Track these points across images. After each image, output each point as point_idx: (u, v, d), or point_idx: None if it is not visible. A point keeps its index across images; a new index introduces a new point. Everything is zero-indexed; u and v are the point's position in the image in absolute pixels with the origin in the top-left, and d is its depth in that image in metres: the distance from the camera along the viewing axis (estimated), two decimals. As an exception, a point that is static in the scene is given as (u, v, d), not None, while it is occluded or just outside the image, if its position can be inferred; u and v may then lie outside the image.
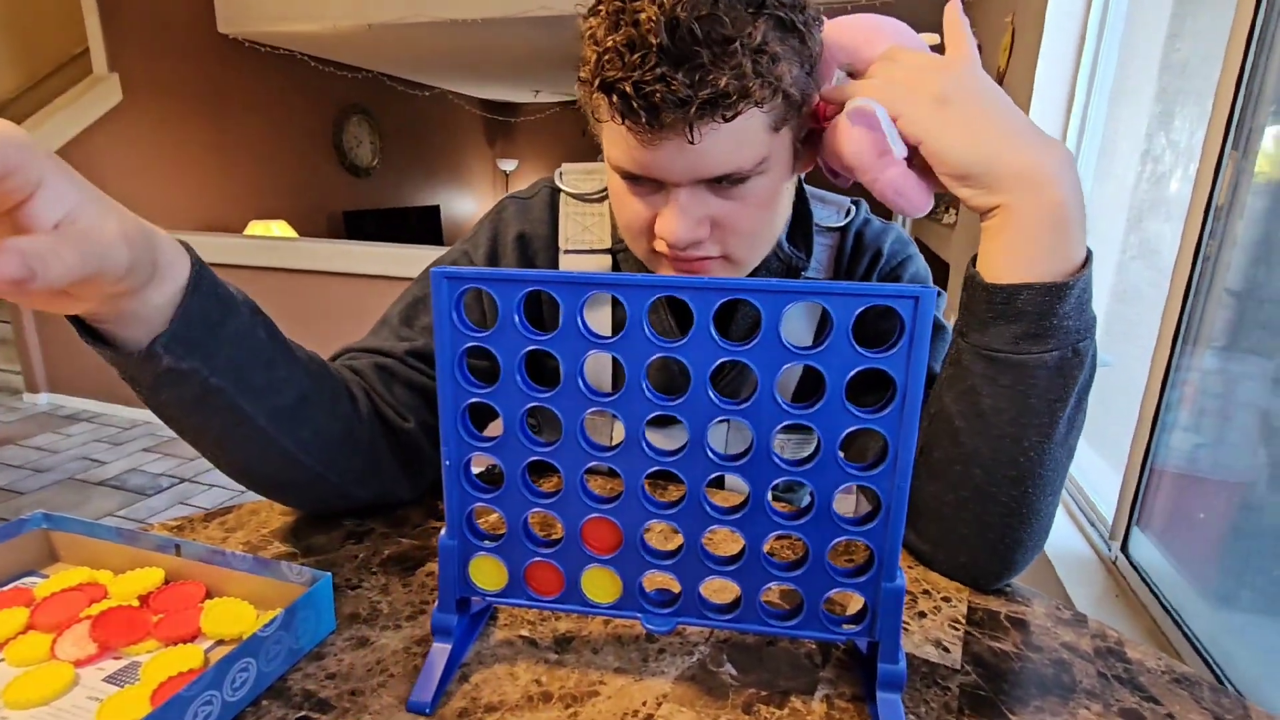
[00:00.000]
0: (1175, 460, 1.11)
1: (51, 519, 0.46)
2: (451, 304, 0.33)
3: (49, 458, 2.79)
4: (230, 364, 0.41)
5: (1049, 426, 0.44)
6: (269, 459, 0.46)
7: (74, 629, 0.38)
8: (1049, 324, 0.42)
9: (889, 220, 0.66)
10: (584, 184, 0.63)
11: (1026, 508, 0.46)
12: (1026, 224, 0.42)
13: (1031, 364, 0.43)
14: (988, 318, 0.44)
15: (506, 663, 0.39)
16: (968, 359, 0.45)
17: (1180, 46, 1.48)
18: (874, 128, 0.44)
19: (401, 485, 0.55)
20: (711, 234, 0.50)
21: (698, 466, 0.34)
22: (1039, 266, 0.42)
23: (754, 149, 0.46)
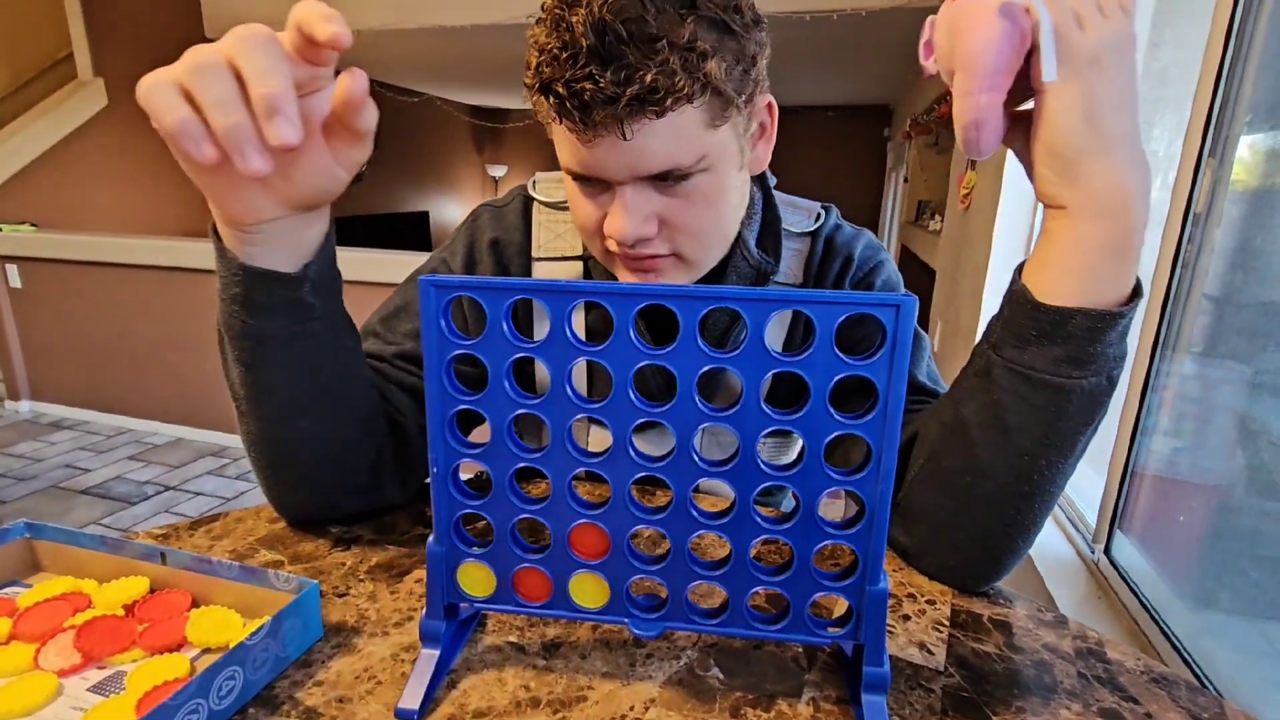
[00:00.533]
0: (1155, 464, 1.13)
1: (34, 528, 0.46)
2: (439, 312, 0.33)
3: (31, 466, 2.75)
4: (331, 313, 0.46)
5: (1071, 448, 0.43)
6: (320, 422, 0.48)
7: (58, 639, 0.38)
8: (1093, 350, 0.40)
9: (859, 227, 0.67)
10: (557, 192, 0.64)
11: (1029, 519, 0.46)
12: (1093, 246, 0.39)
13: (1068, 388, 0.41)
14: (1030, 335, 0.41)
15: (495, 669, 0.39)
16: (999, 374, 0.43)
17: (1160, 55, 1.51)
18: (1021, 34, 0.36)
19: (394, 487, 0.56)
20: (660, 232, 0.51)
21: (684, 472, 0.35)
22: (1096, 293, 0.40)
23: (691, 145, 0.47)
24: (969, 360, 0.47)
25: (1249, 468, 0.95)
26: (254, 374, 0.46)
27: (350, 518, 0.55)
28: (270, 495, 0.53)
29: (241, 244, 0.41)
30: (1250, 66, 0.96)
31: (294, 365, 0.46)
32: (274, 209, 0.40)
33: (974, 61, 0.36)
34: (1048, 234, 0.41)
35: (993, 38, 0.35)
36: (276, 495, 0.53)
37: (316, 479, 0.51)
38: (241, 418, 0.49)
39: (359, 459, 0.52)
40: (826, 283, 0.63)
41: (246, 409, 0.48)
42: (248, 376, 0.46)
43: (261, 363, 0.45)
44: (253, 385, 0.46)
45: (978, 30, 0.36)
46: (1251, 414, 0.97)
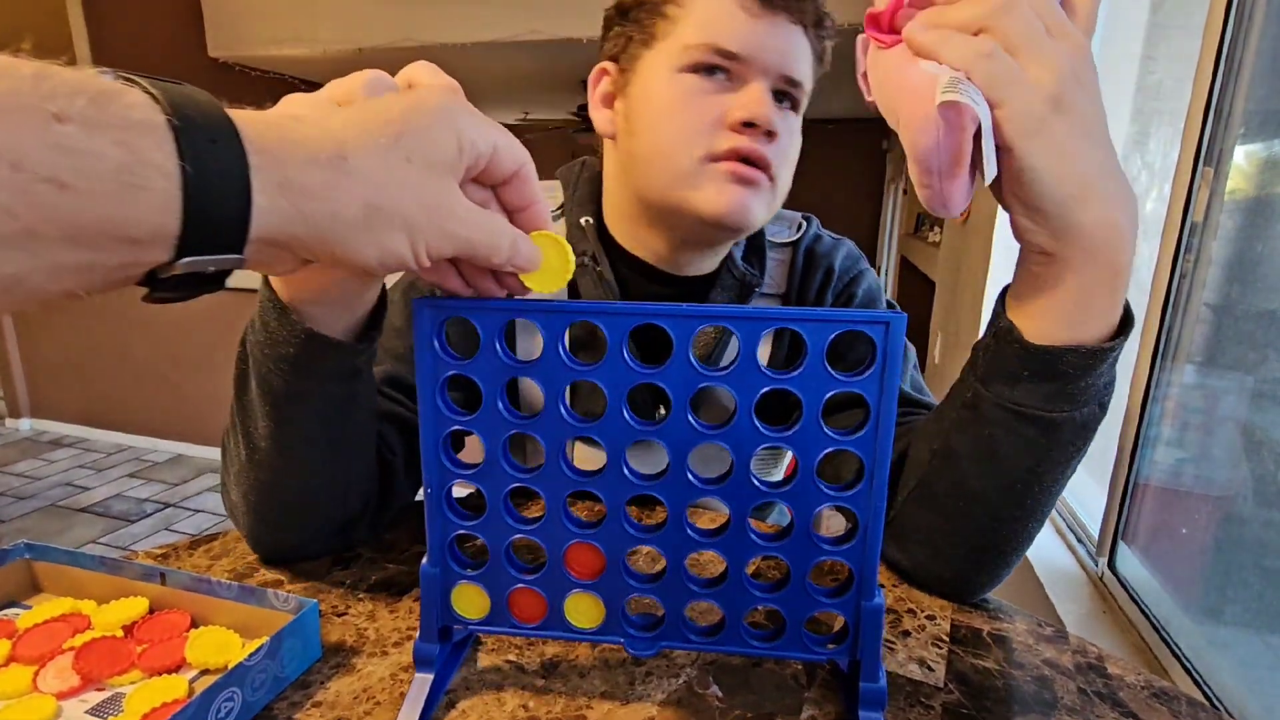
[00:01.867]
0: (1159, 475, 1.13)
1: (34, 549, 0.46)
2: (433, 332, 0.33)
3: (31, 484, 2.75)
4: (370, 372, 0.46)
5: (1063, 471, 0.44)
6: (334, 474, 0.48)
7: (57, 660, 0.38)
8: (1084, 383, 0.39)
9: (839, 236, 0.68)
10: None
11: (1022, 535, 0.46)
12: (1083, 285, 0.37)
13: (1060, 421, 0.41)
14: (1021, 375, 0.40)
15: (493, 689, 0.39)
16: (988, 409, 0.43)
17: (1155, 69, 1.52)
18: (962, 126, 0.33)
19: (368, 527, 0.54)
20: (774, 144, 0.53)
21: (679, 490, 0.35)
22: (1086, 330, 0.38)
23: (810, 77, 0.55)
24: (956, 386, 0.46)
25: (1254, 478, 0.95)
26: (283, 429, 0.44)
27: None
28: (252, 533, 0.50)
29: (304, 302, 0.40)
30: (1244, 78, 0.97)
31: (327, 423, 0.45)
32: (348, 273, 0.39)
33: (921, 159, 0.33)
34: (1034, 277, 0.38)
35: (936, 139, 0.33)
36: (260, 534, 0.50)
37: (308, 523, 0.50)
38: (250, 466, 0.46)
39: (353, 503, 0.51)
40: (809, 293, 0.64)
41: (264, 460, 0.45)
42: (276, 432, 0.44)
43: (295, 420, 0.43)
44: (278, 440, 0.44)
45: (918, 127, 0.33)
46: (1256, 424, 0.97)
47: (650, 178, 0.55)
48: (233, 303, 3.09)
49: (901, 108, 0.34)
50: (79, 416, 3.32)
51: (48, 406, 3.37)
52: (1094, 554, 1.19)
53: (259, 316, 0.41)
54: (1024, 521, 0.45)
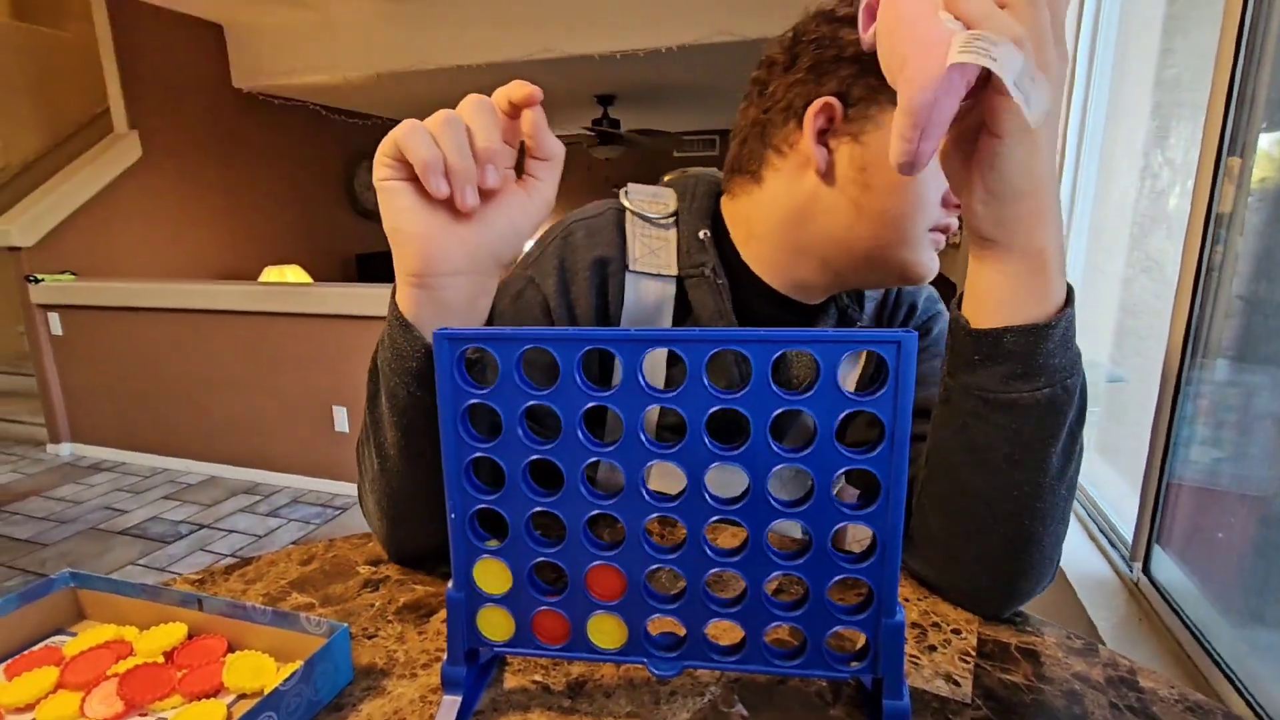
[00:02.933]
0: (1194, 475, 1.10)
1: (79, 577, 0.48)
2: (453, 364, 0.34)
3: (72, 509, 2.83)
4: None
5: (1043, 462, 0.44)
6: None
7: (102, 687, 0.40)
8: (1036, 363, 0.42)
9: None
10: (650, 207, 0.64)
11: (1026, 539, 0.46)
12: (1016, 272, 0.42)
13: (1023, 402, 0.43)
14: (975, 360, 0.44)
15: (520, 710, 0.40)
16: (958, 398, 0.46)
17: (1173, 62, 1.50)
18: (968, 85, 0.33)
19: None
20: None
21: (697, 511, 0.35)
22: (1022, 310, 0.42)
23: None
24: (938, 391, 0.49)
25: (1292, 477, 0.92)
26: (411, 438, 0.47)
27: (380, 559, 0.56)
28: (392, 540, 0.55)
29: (424, 306, 0.44)
30: (1265, 68, 0.96)
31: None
32: (464, 259, 0.44)
33: (917, 112, 0.33)
34: (976, 266, 0.44)
35: (937, 97, 0.32)
36: (400, 540, 0.55)
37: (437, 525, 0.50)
38: (384, 475, 0.50)
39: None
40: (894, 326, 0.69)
41: (394, 467, 0.49)
42: (404, 440, 0.47)
43: (424, 430, 0.47)
44: (408, 449, 0.48)
45: (927, 78, 0.32)
46: (1291, 421, 0.94)
47: (878, 233, 0.56)
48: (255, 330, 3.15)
49: (912, 57, 0.33)
50: (116, 441, 3.41)
51: (86, 432, 3.47)
52: (1128, 558, 1.16)
53: (387, 334, 0.46)
54: (1020, 522, 0.46)
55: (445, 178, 0.40)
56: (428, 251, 0.43)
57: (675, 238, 0.63)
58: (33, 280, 3.26)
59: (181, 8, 3.80)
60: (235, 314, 3.01)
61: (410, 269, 0.43)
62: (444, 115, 0.40)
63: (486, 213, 0.43)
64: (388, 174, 0.41)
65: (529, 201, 0.45)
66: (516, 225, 0.45)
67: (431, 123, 0.40)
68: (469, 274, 0.44)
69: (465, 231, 0.43)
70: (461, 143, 0.40)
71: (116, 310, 3.21)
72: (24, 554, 2.41)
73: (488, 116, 0.41)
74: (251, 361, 3.05)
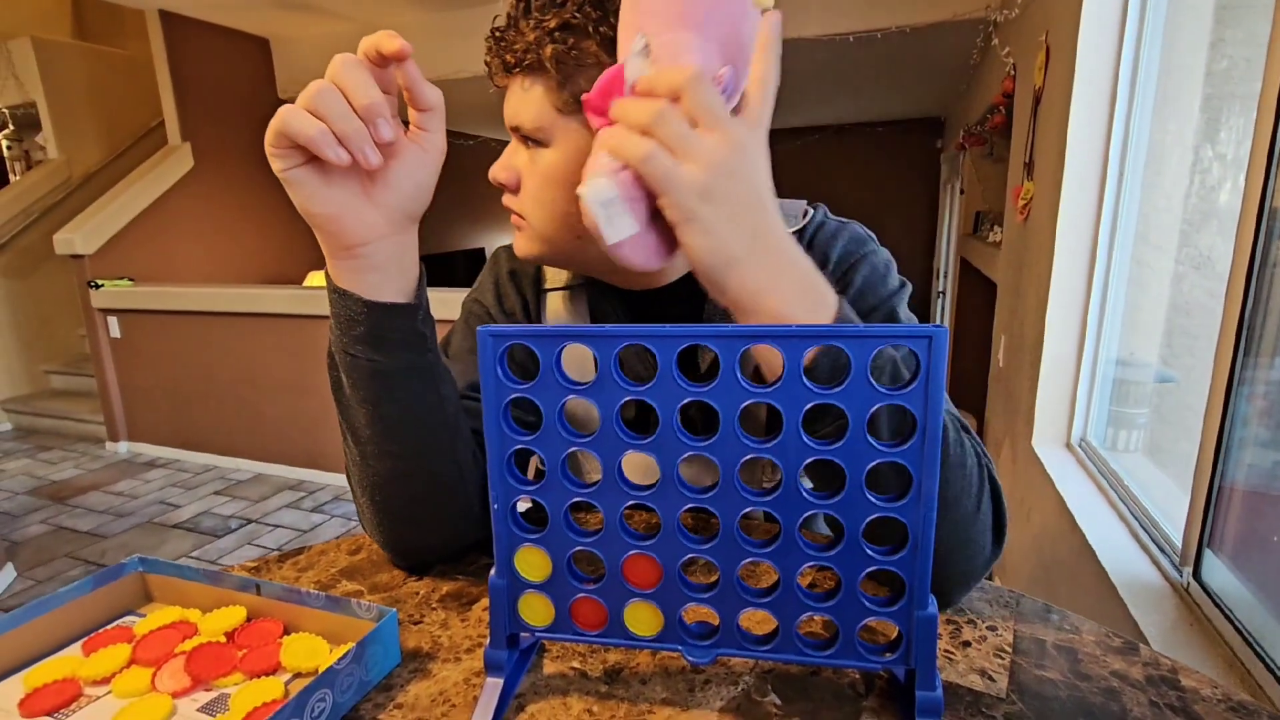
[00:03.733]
0: (1249, 477, 1.06)
1: (146, 562, 0.51)
2: (496, 360, 0.36)
3: (129, 502, 2.96)
4: (435, 344, 0.50)
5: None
6: (443, 454, 0.51)
7: (171, 663, 0.42)
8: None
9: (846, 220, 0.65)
10: None
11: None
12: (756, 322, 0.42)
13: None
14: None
15: (559, 694, 0.41)
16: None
17: (1225, 54, 1.45)
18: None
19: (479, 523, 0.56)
20: (520, 189, 0.55)
21: (731, 502, 0.36)
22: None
23: (533, 114, 0.52)
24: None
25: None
26: (381, 410, 0.48)
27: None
28: (392, 541, 0.54)
29: (357, 274, 0.46)
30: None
31: (419, 397, 0.49)
32: (381, 223, 0.45)
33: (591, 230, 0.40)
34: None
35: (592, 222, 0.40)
36: (400, 539, 0.54)
37: (439, 514, 0.53)
38: (365, 462, 0.51)
39: (473, 487, 0.54)
40: None
41: (372, 451, 0.50)
42: (375, 414, 0.49)
43: (389, 399, 0.48)
44: (381, 423, 0.49)
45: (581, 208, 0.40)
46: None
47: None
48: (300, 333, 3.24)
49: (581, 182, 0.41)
50: (170, 439, 3.56)
51: (142, 430, 3.62)
52: (1177, 563, 1.13)
53: (331, 314, 0.48)
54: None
55: (340, 146, 0.40)
56: (345, 227, 0.44)
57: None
58: (94, 286, 3.42)
59: (230, 23, 3.95)
60: (281, 317, 3.11)
61: (334, 246, 0.45)
62: (315, 86, 0.40)
63: (388, 173, 0.44)
64: (282, 164, 0.42)
65: (423, 153, 0.46)
66: (417, 179, 0.46)
67: (304, 98, 0.40)
68: (388, 236, 0.46)
69: (374, 198, 0.45)
70: (342, 107, 0.40)
71: (171, 314, 3.35)
72: (86, 545, 2.53)
73: (358, 72, 0.40)
74: (297, 363, 3.15)
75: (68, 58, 3.97)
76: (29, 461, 3.46)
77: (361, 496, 0.53)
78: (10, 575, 2.28)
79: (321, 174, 0.43)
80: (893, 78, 4.28)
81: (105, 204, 3.56)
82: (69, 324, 4.20)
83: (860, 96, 4.99)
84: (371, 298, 0.46)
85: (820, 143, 6.46)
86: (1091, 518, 1.39)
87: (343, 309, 0.46)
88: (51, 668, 0.42)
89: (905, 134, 6.27)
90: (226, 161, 4.10)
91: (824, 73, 4.07)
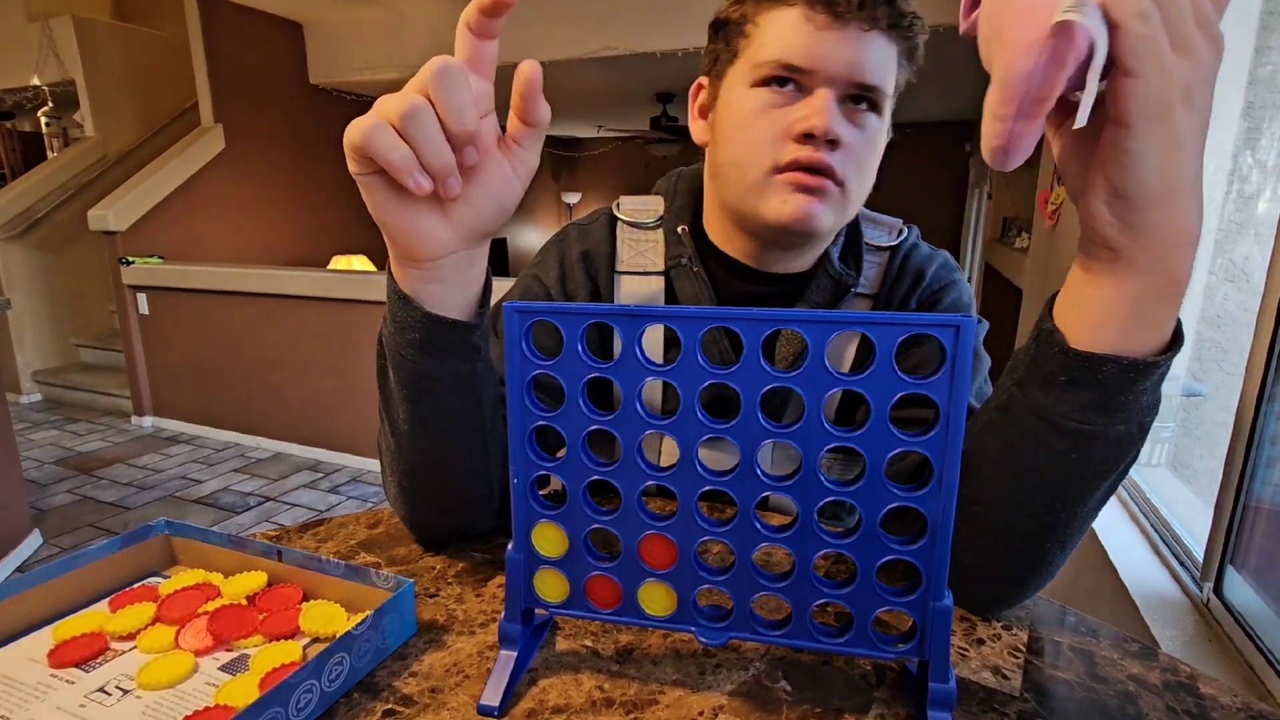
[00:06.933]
0: (1276, 497, 1.04)
1: (172, 526, 0.52)
2: (521, 335, 0.36)
3: (152, 476, 3.02)
4: (488, 351, 0.49)
5: (1088, 493, 0.42)
6: (475, 451, 0.50)
7: (194, 623, 0.43)
8: (1124, 399, 0.38)
9: (938, 248, 0.68)
10: (640, 214, 0.69)
11: (1039, 559, 0.45)
12: (1140, 293, 0.36)
13: (1092, 435, 0.39)
14: (1059, 380, 0.39)
15: (571, 670, 0.42)
16: (1021, 413, 0.42)
17: (1269, 60, 1.42)
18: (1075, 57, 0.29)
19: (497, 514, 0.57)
20: (840, 151, 0.54)
21: (749, 486, 0.36)
22: (1134, 341, 0.37)
23: (891, 78, 0.54)
24: (993, 391, 0.45)
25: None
26: (421, 410, 0.48)
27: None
28: (414, 520, 0.55)
29: (422, 283, 0.44)
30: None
31: (460, 402, 0.48)
32: (454, 241, 0.43)
33: (1010, 83, 0.30)
34: (1090, 275, 0.37)
35: (1037, 64, 0.29)
36: (422, 520, 0.55)
37: (464, 503, 0.54)
38: (399, 451, 0.51)
39: (496, 482, 0.53)
40: (897, 296, 0.65)
41: (408, 443, 0.50)
42: (414, 413, 0.48)
43: (431, 401, 0.47)
44: (419, 421, 0.48)
45: (1022, 48, 0.29)
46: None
47: (728, 187, 0.59)
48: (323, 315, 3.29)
49: (1008, 25, 0.30)
50: (193, 416, 3.62)
51: (167, 406, 3.69)
52: (1198, 578, 1.11)
53: (388, 311, 0.46)
54: (1038, 541, 0.44)
55: (423, 174, 0.37)
56: (415, 241, 0.42)
57: (662, 237, 0.67)
58: (125, 262, 3.49)
59: (265, 7, 3.99)
60: (306, 300, 3.15)
61: (401, 255, 0.43)
62: (406, 104, 0.36)
63: (470, 192, 0.41)
64: (359, 169, 0.39)
65: (513, 176, 0.42)
66: (501, 200, 0.43)
67: (392, 113, 0.36)
68: (459, 251, 0.43)
69: (450, 215, 0.42)
70: (432, 135, 0.36)
71: (198, 293, 3.41)
72: (109, 516, 2.59)
73: (458, 90, 0.36)
74: (319, 345, 3.19)
75: (107, 37, 4.04)
76: (57, 433, 3.55)
77: (390, 476, 0.54)
78: (37, 541, 2.34)
79: (397, 188, 0.39)
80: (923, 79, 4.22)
81: (138, 182, 3.62)
82: (99, 300, 4.29)
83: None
84: (432, 309, 0.44)
85: (847, 143, 6.38)
86: (1112, 530, 1.37)
87: (402, 312, 0.44)
88: (79, 622, 0.43)
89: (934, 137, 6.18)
90: (257, 144, 4.16)
91: (854, 72, 4.02)
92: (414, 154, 0.36)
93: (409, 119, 0.36)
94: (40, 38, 3.96)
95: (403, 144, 0.36)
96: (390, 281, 0.45)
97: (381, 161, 0.37)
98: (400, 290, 0.44)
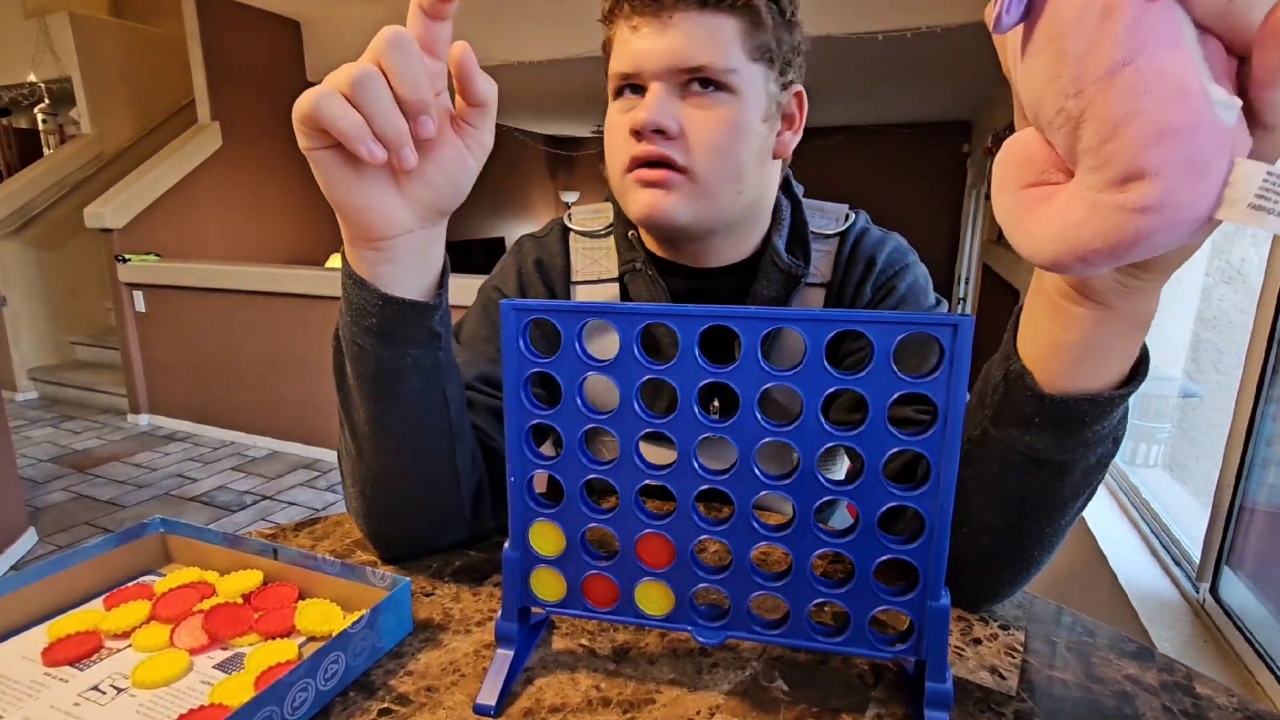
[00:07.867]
0: (1274, 498, 1.05)
1: (167, 524, 0.52)
2: (519, 333, 0.36)
3: (147, 474, 3.01)
4: (449, 342, 0.48)
5: (1068, 508, 0.43)
6: (440, 457, 0.49)
7: (188, 621, 0.43)
8: (1099, 428, 0.39)
9: (889, 231, 0.68)
10: (591, 222, 0.70)
11: (1027, 564, 0.46)
12: (1114, 334, 0.36)
13: (1073, 462, 0.40)
14: (1035, 421, 0.39)
15: (568, 669, 0.42)
16: (998, 448, 0.42)
17: None
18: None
19: (491, 514, 0.56)
20: (678, 139, 0.54)
21: (746, 485, 0.36)
22: (1105, 376, 0.37)
23: (726, 49, 0.53)
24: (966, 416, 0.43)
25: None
26: (383, 408, 0.46)
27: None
28: (375, 532, 0.52)
29: (377, 265, 0.42)
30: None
31: (423, 398, 0.46)
32: (410, 219, 0.42)
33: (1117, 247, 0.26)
34: (1065, 320, 0.36)
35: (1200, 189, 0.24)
36: (384, 532, 0.52)
37: (429, 513, 0.52)
38: (360, 456, 0.49)
39: (467, 488, 0.52)
40: (850, 284, 0.65)
41: (369, 447, 0.48)
42: (376, 411, 0.46)
43: (393, 397, 0.45)
44: (380, 420, 0.46)
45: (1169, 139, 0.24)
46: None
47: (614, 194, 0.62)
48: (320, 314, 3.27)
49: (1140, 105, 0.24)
50: (190, 414, 3.61)
51: (163, 404, 3.68)
52: (1194, 579, 1.11)
53: (343, 300, 0.45)
54: (1023, 549, 0.45)
55: (376, 142, 0.36)
56: (370, 219, 0.41)
57: (614, 243, 0.67)
58: (121, 260, 3.47)
59: (263, 4, 3.98)
60: (302, 298, 3.14)
61: (356, 234, 0.42)
62: (357, 70, 0.35)
63: (425, 170, 0.40)
64: (309, 143, 0.38)
65: (467, 154, 0.42)
66: (455, 178, 0.42)
67: (343, 82, 0.35)
68: (415, 231, 0.42)
69: (405, 191, 0.41)
70: (385, 102, 0.35)
71: (195, 291, 3.39)
72: (104, 514, 2.58)
73: (409, 59, 0.35)
74: (316, 344, 3.18)
75: (103, 34, 4.02)
76: (53, 430, 3.53)
77: (351, 486, 0.51)
78: (32, 539, 2.33)
79: (350, 162, 0.39)
80: (921, 79, 4.23)
81: (135, 179, 3.61)
82: (96, 297, 4.27)
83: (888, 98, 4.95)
84: (389, 291, 0.43)
85: (845, 143, 6.40)
86: (1108, 530, 1.38)
87: (357, 297, 0.43)
88: (74, 620, 0.43)
89: (932, 137, 6.20)
90: (254, 142, 4.14)
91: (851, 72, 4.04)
92: (366, 121, 0.36)
93: (359, 85, 0.35)
94: (37, 34, 3.94)
95: (354, 111, 0.35)
96: (345, 266, 0.44)
97: (333, 130, 0.36)
98: (356, 273, 0.43)
